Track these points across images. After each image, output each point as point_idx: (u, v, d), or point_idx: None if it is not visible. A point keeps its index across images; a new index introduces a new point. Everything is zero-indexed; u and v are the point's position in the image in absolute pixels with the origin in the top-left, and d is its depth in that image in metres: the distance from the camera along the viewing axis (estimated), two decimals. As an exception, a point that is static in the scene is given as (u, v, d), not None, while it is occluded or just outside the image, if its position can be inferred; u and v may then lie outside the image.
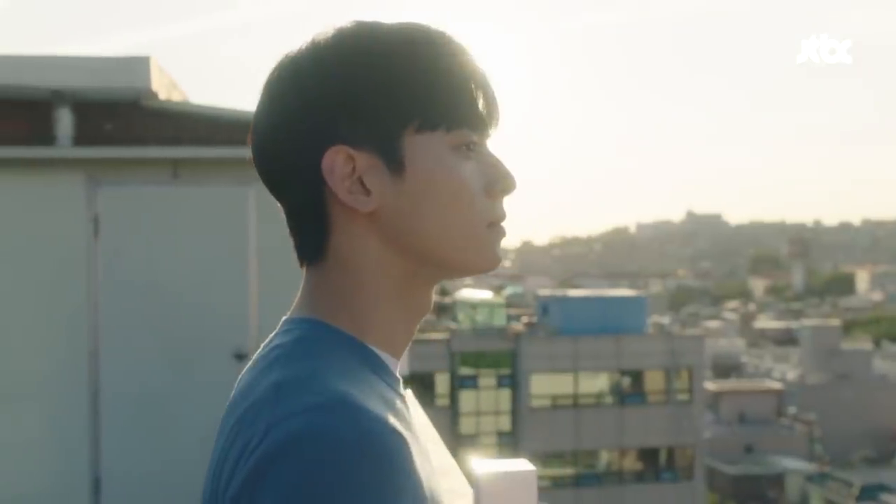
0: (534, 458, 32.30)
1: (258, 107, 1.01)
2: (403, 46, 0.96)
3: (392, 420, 0.86)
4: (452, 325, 42.57)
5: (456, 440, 37.10)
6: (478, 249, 0.99)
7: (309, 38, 0.99)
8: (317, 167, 0.94)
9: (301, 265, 1.02)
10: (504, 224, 1.01)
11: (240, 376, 0.99)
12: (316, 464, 0.79)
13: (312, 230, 0.98)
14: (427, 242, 0.96)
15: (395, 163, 0.94)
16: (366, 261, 0.97)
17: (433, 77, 0.95)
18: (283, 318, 1.01)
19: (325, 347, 0.93)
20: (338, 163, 0.94)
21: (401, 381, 1.02)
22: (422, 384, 37.42)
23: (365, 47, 0.96)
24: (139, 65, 6.93)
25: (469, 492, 2.18)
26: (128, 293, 6.75)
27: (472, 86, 0.98)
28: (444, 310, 48.83)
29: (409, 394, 1.09)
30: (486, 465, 2.15)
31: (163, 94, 7.43)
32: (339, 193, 0.94)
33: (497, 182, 0.99)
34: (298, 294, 1.02)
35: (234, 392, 0.97)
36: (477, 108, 0.98)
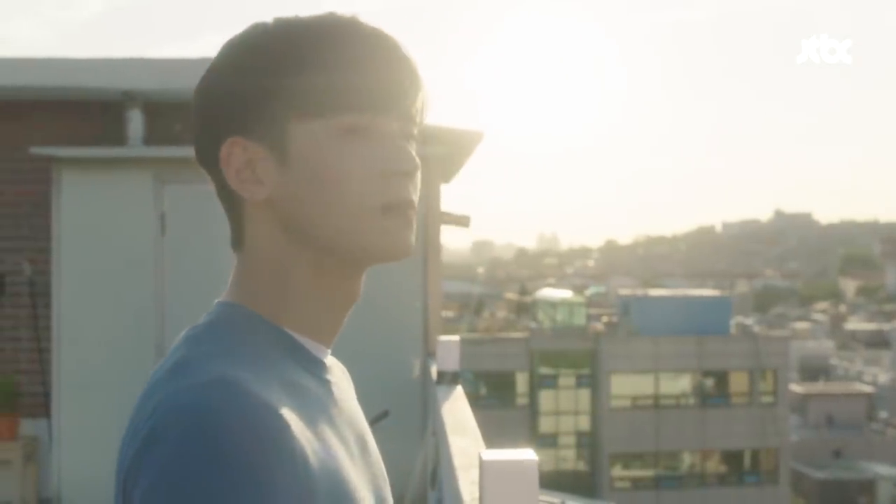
0: (614, 458, 31.90)
1: None
2: (288, 39, 0.98)
3: (277, 402, 0.87)
4: (532, 325, 42.45)
5: (535, 439, 36.99)
6: (370, 235, 0.98)
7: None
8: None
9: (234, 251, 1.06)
10: (408, 207, 0.99)
11: None
12: (191, 444, 0.82)
13: (231, 219, 1.03)
14: (316, 229, 0.98)
15: (281, 152, 0.97)
16: (274, 248, 1.00)
17: (313, 66, 0.96)
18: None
19: (234, 330, 0.97)
20: (234, 154, 0.98)
21: (326, 365, 1.04)
22: (501, 383, 37.39)
23: (254, 43, 0.99)
24: (206, 66, 7.10)
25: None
26: (191, 288, 6.93)
27: (360, 69, 0.97)
28: (524, 309, 48.70)
29: (339, 379, 1.11)
30: (489, 453, 2.18)
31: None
32: (231, 183, 0.99)
33: (391, 164, 0.98)
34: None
35: None
36: (365, 91, 0.97)
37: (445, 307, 46.64)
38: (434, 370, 5.56)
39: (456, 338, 5.42)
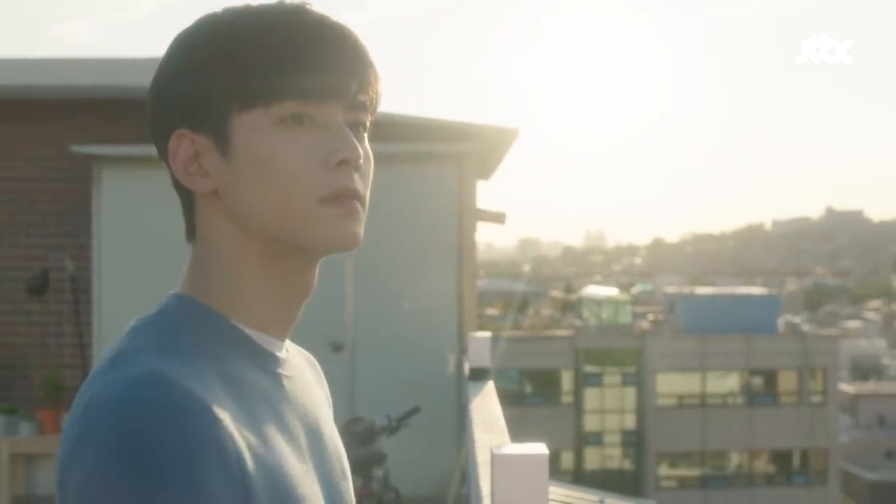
0: (660, 457, 31.56)
1: None
2: (229, 31, 0.98)
3: (210, 396, 0.87)
4: (577, 323, 42.29)
5: (580, 438, 36.85)
6: (309, 226, 0.97)
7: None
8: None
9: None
10: (349, 197, 0.98)
11: None
12: (118, 442, 0.82)
13: (184, 210, 1.03)
14: (258, 220, 0.98)
15: (224, 143, 0.97)
16: (223, 240, 1.00)
17: (252, 56, 0.96)
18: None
19: (178, 322, 0.97)
20: (182, 146, 0.99)
21: (279, 358, 1.03)
22: (546, 381, 37.28)
23: (198, 35, 1.00)
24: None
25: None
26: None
27: (300, 58, 0.96)
28: (569, 307, 48.53)
29: (297, 372, 1.11)
30: (500, 448, 2.19)
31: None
32: (178, 176, 1.00)
33: (332, 153, 0.97)
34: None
35: None
36: (305, 79, 0.96)
37: (490, 305, 46.63)
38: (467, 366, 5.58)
39: (487, 334, 5.43)
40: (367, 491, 4.54)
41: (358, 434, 4.66)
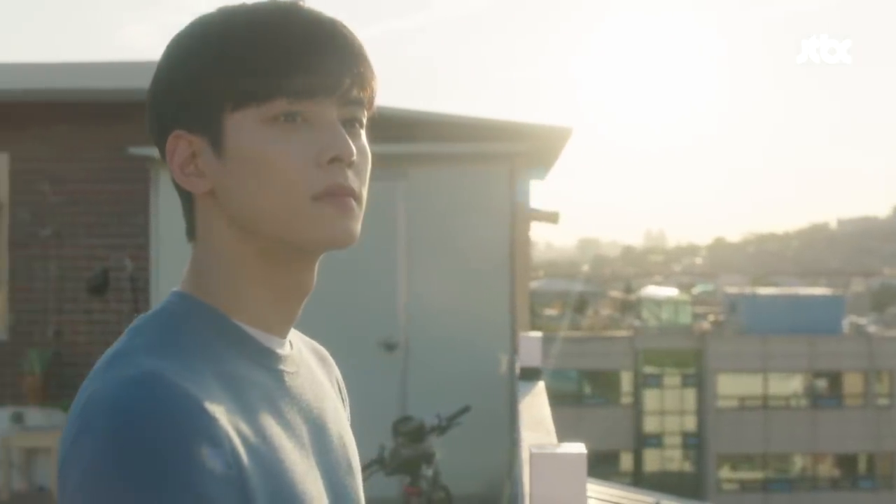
0: (721, 459, 30.96)
1: None
2: (218, 29, 0.98)
3: (206, 394, 0.88)
4: (637, 323, 41.97)
5: (639, 439, 36.56)
6: (301, 224, 0.97)
7: None
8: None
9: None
10: (343, 194, 0.97)
11: None
12: (114, 441, 0.84)
13: (185, 210, 1.04)
14: (253, 219, 0.98)
15: (217, 144, 0.98)
16: (220, 239, 1.01)
17: (243, 55, 0.96)
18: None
19: (177, 321, 0.98)
20: (179, 147, 0.99)
21: (280, 355, 1.04)
22: (605, 382, 37.07)
23: (192, 37, 1.00)
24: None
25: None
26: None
27: (291, 56, 0.96)
28: (628, 307, 48.17)
29: (301, 368, 1.11)
30: (538, 447, 2.19)
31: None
32: (175, 177, 1.00)
33: (324, 151, 0.96)
34: None
35: None
36: (297, 77, 0.95)
37: (548, 305, 46.45)
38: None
39: (538, 334, 5.42)
40: (415, 490, 4.56)
41: (407, 433, 4.67)
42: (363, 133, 1.03)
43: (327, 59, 0.97)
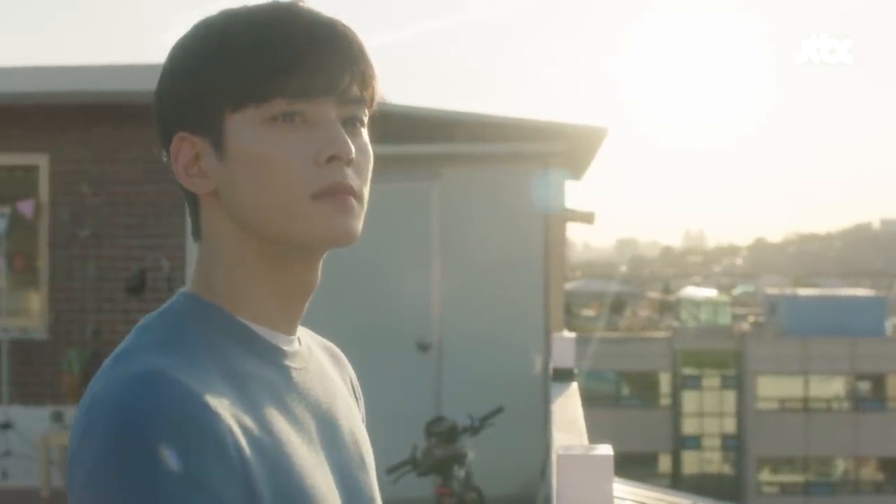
0: (761, 462, 30.56)
1: None
2: (218, 31, 0.99)
3: (210, 391, 0.89)
4: (675, 324, 41.71)
5: (678, 441, 36.30)
6: (300, 222, 0.97)
7: None
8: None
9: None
10: (342, 193, 0.98)
11: None
12: (117, 438, 0.85)
13: (190, 211, 1.06)
14: (254, 219, 0.99)
15: (218, 144, 0.99)
16: (224, 238, 1.02)
17: (237, 56, 0.97)
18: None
19: (182, 320, 0.99)
20: (183, 149, 1.01)
21: (287, 352, 1.04)
22: (643, 383, 36.87)
23: (193, 39, 1.01)
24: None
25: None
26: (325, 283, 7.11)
27: (285, 55, 0.96)
28: (666, 308, 47.87)
29: (309, 364, 1.11)
30: (565, 448, 2.18)
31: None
32: (179, 178, 1.02)
33: (323, 149, 0.97)
34: None
35: None
36: (294, 77, 0.96)
37: (586, 305, 46.28)
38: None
39: (571, 334, 5.39)
40: (446, 490, 4.55)
41: (440, 433, 4.67)
42: (364, 132, 1.03)
43: (325, 58, 0.98)
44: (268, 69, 0.96)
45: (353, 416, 1.13)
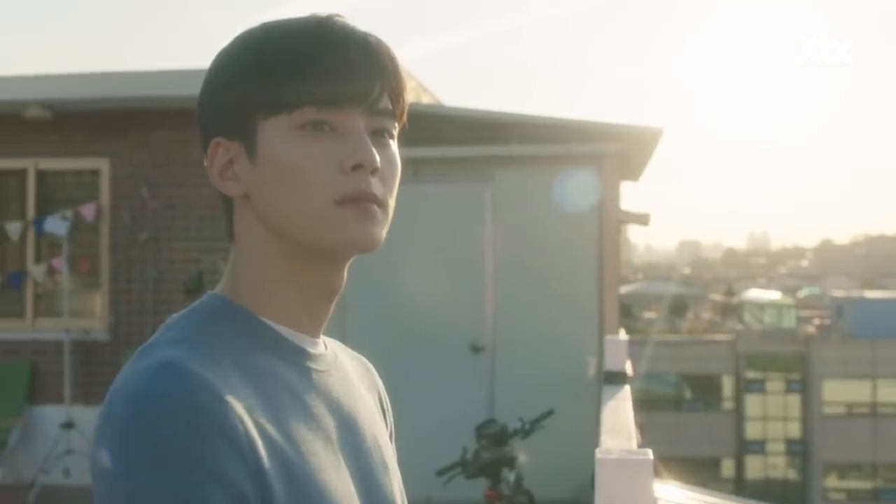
0: (827, 468, 30.02)
1: None
2: (256, 42, 1.04)
3: (224, 385, 0.91)
4: (738, 327, 41.14)
5: (741, 445, 35.79)
6: (324, 227, 1.00)
7: None
8: None
9: None
10: (365, 200, 1.00)
11: None
12: (130, 429, 0.88)
13: (225, 213, 1.09)
14: (280, 222, 1.02)
15: (251, 149, 1.02)
16: (253, 241, 1.05)
17: (272, 66, 1.01)
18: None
19: (205, 318, 1.02)
20: (219, 153, 1.05)
21: (310, 354, 1.07)
22: (706, 386, 36.43)
23: (231, 49, 1.06)
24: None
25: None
26: (370, 287, 7.14)
27: (316, 65, 1.00)
28: (729, 310, 47.24)
29: (333, 368, 1.11)
30: (605, 451, 2.15)
31: (410, 97, 7.77)
32: (213, 181, 1.06)
33: (348, 158, 1.00)
34: None
35: None
36: (325, 87, 1.00)
37: (647, 308, 45.86)
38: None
39: (624, 337, 5.34)
40: (494, 494, 4.52)
41: (490, 436, 4.64)
42: (393, 143, 1.06)
43: (355, 69, 1.01)
44: (299, 78, 1.00)
45: (375, 423, 1.14)
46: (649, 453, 2.20)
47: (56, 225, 7.85)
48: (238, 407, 0.91)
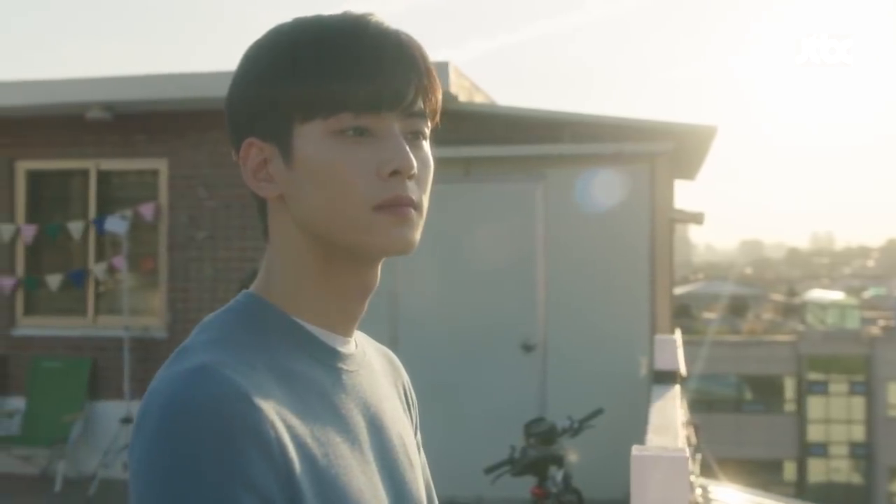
0: (893, 472, 29.40)
1: None
2: (288, 42, 1.03)
3: (255, 387, 0.92)
4: (800, 328, 40.45)
5: (803, 448, 35.22)
6: (362, 232, 1.01)
7: None
8: None
9: None
10: (403, 205, 1.01)
11: None
12: (162, 432, 0.89)
13: (259, 214, 1.10)
14: (316, 225, 1.03)
15: (286, 152, 1.03)
16: (288, 242, 1.06)
17: (311, 69, 1.00)
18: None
19: (239, 319, 1.03)
20: (252, 154, 1.05)
21: (342, 354, 1.08)
22: (767, 388, 35.91)
23: (264, 49, 1.05)
24: (438, 70, 7.33)
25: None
26: (422, 285, 7.18)
27: (356, 70, 0.99)
28: (791, 311, 46.48)
29: (362, 368, 1.08)
30: (640, 448, 2.16)
31: (463, 97, 7.80)
32: (247, 182, 1.06)
33: (385, 163, 1.00)
34: None
35: None
36: (361, 91, 0.99)
37: (707, 308, 45.29)
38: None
39: (674, 337, 5.30)
40: (541, 492, 4.53)
41: (538, 434, 4.65)
42: (426, 144, 1.06)
43: (392, 74, 1.01)
44: (336, 84, 1.00)
45: (400, 420, 1.15)
46: (685, 451, 2.20)
47: (116, 224, 8.01)
48: (270, 412, 0.92)
